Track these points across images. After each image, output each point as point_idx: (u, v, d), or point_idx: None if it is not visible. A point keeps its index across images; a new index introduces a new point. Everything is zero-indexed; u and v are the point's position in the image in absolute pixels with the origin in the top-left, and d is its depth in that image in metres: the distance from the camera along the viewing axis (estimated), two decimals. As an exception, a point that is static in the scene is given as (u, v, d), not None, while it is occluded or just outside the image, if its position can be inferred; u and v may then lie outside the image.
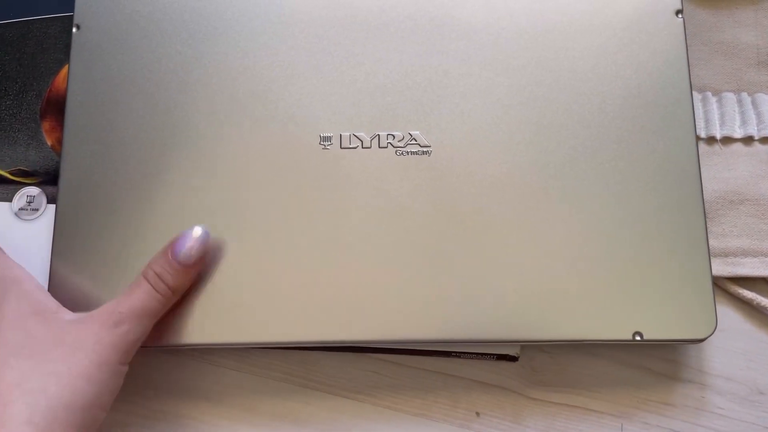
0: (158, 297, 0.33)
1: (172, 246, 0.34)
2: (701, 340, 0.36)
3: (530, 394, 0.38)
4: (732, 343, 0.39)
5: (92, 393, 0.30)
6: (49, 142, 0.40)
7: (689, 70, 0.39)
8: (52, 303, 0.33)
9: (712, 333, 0.35)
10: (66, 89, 0.39)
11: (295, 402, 0.38)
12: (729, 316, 0.39)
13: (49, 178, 0.39)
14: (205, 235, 0.35)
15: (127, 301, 0.32)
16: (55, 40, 0.41)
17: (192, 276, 0.35)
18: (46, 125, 0.40)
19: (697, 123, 0.41)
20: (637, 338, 0.35)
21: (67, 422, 0.29)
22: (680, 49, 0.39)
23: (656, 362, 0.39)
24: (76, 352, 0.30)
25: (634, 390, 0.38)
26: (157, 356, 0.39)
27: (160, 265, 0.34)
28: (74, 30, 0.39)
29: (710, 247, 0.39)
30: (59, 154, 0.38)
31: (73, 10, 0.40)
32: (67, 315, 0.33)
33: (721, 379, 0.38)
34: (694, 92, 0.42)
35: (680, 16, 0.39)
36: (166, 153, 0.38)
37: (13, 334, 0.31)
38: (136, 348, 0.33)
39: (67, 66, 0.40)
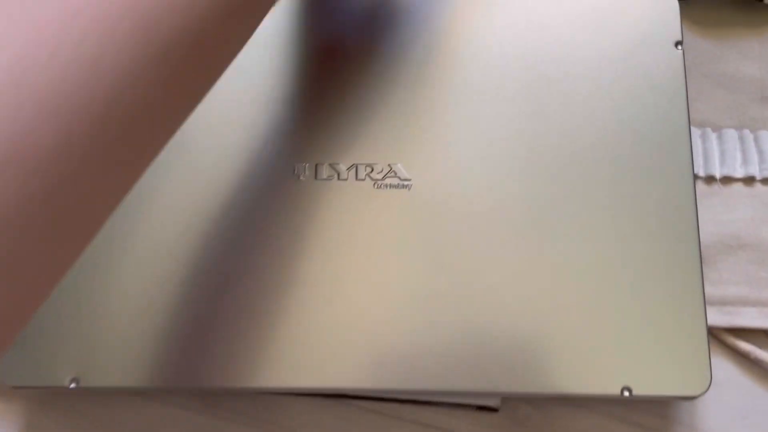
0: None
1: None
2: (694, 398, 0.33)
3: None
4: (728, 398, 0.36)
5: None
6: None
7: (688, 105, 0.36)
8: None
9: (706, 390, 0.33)
10: None
11: (259, 451, 0.36)
12: (725, 368, 0.37)
13: None
14: None
15: None
16: None
17: None
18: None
19: (695, 161, 0.39)
20: (626, 394, 0.33)
21: None
22: (679, 83, 0.37)
23: (648, 417, 0.36)
24: None
25: (623, 446, 0.36)
26: (121, 400, 0.36)
27: None
28: None
29: (707, 295, 0.36)
30: None
31: None
32: None
33: (715, 437, 0.36)
34: (693, 128, 0.39)
35: (680, 47, 0.37)
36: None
37: None
38: None
39: None
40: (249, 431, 0.36)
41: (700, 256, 0.34)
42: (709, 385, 0.33)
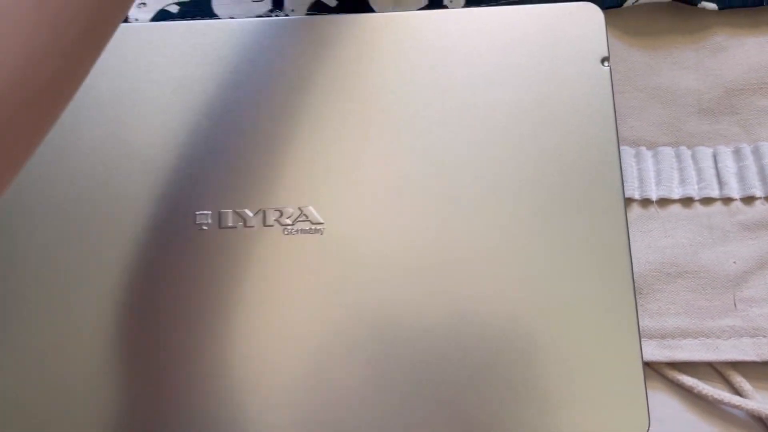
0: None
1: None
2: (633, 441, 0.31)
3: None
4: (672, 435, 0.34)
5: None
6: None
7: (617, 126, 0.34)
8: None
9: (646, 432, 0.31)
10: None
11: None
12: (668, 404, 0.35)
13: None
14: None
15: None
16: None
17: None
18: None
19: (630, 183, 0.36)
20: (560, 443, 0.31)
21: None
22: (607, 103, 0.34)
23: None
24: None
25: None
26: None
27: None
28: None
29: (645, 328, 0.35)
30: None
31: None
32: None
33: (660, 478, 0.34)
34: (627, 147, 0.37)
35: (606, 64, 0.35)
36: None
37: None
38: None
39: None
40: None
41: (634, 289, 0.32)
42: (648, 427, 0.31)
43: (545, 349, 0.32)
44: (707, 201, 0.36)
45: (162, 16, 0.39)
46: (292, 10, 0.39)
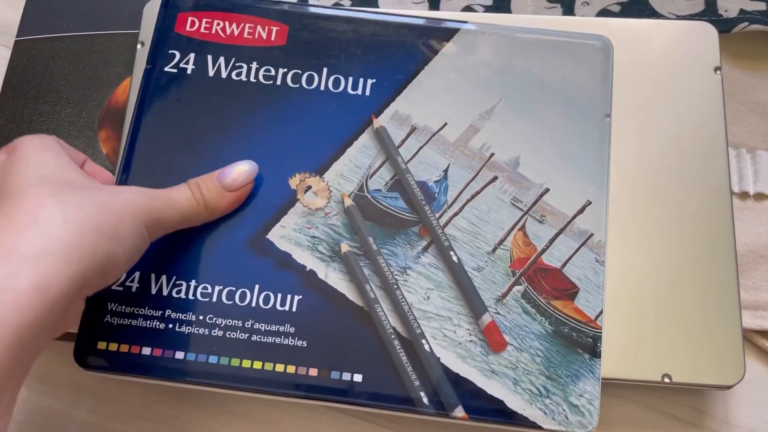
0: (192, 201, 0.34)
1: (220, 170, 0.35)
2: (729, 387, 0.36)
3: None
4: (758, 395, 0.39)
5: (120, 233, 0.30)
6: (104, 151, 0.41)
7: (726, 125, 0.40)
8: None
9: (740, 381, 0.36)
10: (126, 101, 0.40)
11: None
12: (756, 369, 0.40)
13: (101, 185, 0.40)
14: (252, 170, 0.36)
15: (164, 192, 0.33)
16: (117, 55, 0.43)
17: (227, 202, 0.35)
18: (102, 134, 0.41)
19: (731, 178, 0.42)
20: (666, 380, 0.35)
21: (95, 243, 0.28)
22: (718, 104, 0.40)
23: (683, 410, 0.39)
24: (112, 195, 0.31)
25: (659, 436, 0.38)
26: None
27: (204, 179, 0.35)
28: (138, 47, 0.41)
29: (741, 300, 0.39)
30: (114, 163, 0.39)
31: (137, 28, 0.42)
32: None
33: (746, 431, 0.38)
34: (729, 148, 0.43)
35: (718, 72, 0.41)
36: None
37: (51, 165, 0.31)
38: (158, 233, 0.33)
39: (128, 79, 0.41)
40: None
41: (736, 262, 0.37)
42: (743, 376, 0.36)
43: (660, 303, 0.37)
44: (797, 198, 0.42)
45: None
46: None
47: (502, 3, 0.46)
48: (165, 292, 0.35)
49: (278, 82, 0.38)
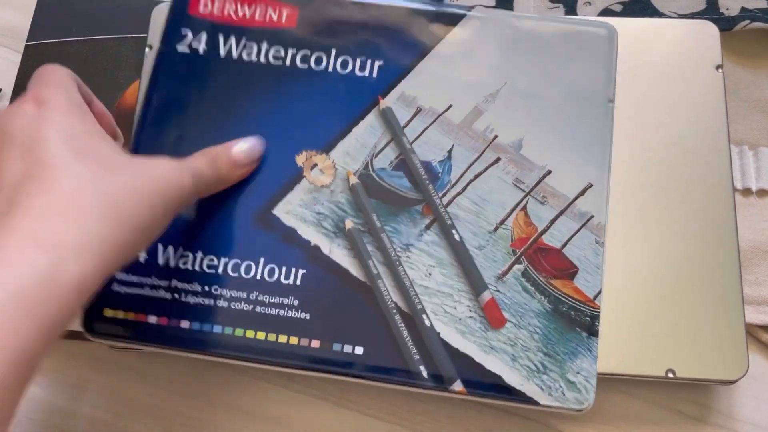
0: (210, 169, 0.34)
1: (231, 143, 0.36)
2: (732, 382, 0.36)
3: (561, 427, 0.38)
4: (762, 390, 0.39)
5: (152, 225, 0.30)
6: (114, 152, 0.42)
7: (728, 122, 0.40)
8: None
9: (744, 375, 0.35)
10: (135, 104, 0.41)
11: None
12: (760, 364, 0.39)
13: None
14: (261, 145, 0.37)
15: (188, 164, 0.33)
16: (126, 58, 0.44)
17: (236, 176, 0.36)
18: (112, 136, 0.42)
19: (733, 175, 0.42)
20: (670, 375, 0.35)
21: (127, 240, 0.28)
22: (720, 101, 0.41)
23: (688, 405, 0.38)
24: (146, 180, 0.30)
25: (665, 431, 0.38)
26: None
27: (218, 152, 0.35)
28: (147, 50, 0.41)
29: (744, 295, 0.39)
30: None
31: (146, 32, 0.42)
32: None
33: (750, 426, 0.38)
34: (731, 145, 0.43)
35: (720, 70, 0.41)
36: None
37: (80, 132, 0.30)
38: (181, 206, 0.33)
39: (137, 82, 0.42)
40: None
41: (739, 257, 0.37)
42: (747, 371, 0.35)
43: (666, 303, 0.37)
44: (800, 195, 0.42)
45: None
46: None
47: (504, 4, 0.47)
48: (172, 263, 0.36)
49: (288, 63, 0.39)
